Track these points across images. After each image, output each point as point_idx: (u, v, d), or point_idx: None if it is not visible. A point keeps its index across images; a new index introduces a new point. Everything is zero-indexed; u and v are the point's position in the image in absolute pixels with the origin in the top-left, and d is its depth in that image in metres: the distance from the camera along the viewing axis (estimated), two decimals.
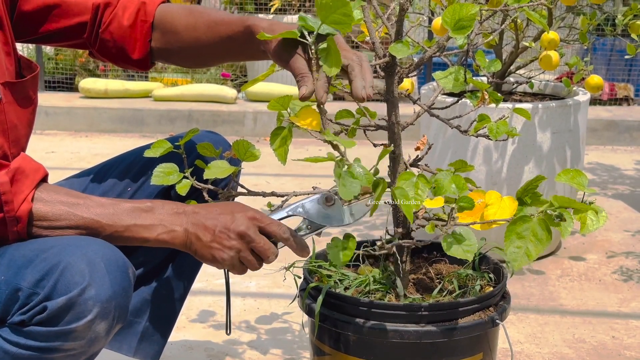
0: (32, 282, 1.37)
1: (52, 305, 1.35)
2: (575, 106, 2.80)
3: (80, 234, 1.46)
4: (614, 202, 3.46)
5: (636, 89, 4.83)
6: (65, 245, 1.40)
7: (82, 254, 1.38)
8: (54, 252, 1.39)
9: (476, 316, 1.65)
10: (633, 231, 3.14)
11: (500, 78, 2.87)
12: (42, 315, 1.36)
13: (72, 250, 1.39)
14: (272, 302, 2.54)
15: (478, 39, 1.72)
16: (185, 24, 1.71)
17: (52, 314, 1.36)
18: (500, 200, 1.59)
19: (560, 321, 2.45)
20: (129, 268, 1.44)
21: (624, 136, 4.42)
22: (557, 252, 2.95)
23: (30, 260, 1.39)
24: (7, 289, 1.39)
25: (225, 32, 1.66)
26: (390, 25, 1.71)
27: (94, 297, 1.37)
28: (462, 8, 1.54)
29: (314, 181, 1.88)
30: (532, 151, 2.75)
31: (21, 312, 1.38)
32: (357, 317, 1.63)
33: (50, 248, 1.40)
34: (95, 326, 1.38)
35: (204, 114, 4.67)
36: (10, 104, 1.60)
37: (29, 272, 1.38)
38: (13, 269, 1.40)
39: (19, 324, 1.38)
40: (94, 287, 1.37)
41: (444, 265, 1.83)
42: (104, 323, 1.39)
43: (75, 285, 1.36)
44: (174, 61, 1.84)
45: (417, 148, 1.78)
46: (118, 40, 1.74)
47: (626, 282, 2.71)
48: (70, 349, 1.39)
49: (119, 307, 1.41)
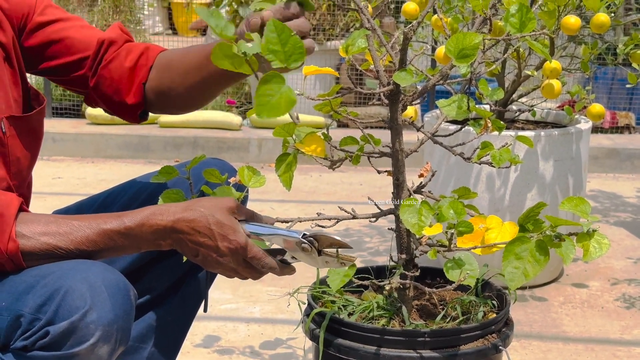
0: (33, 308, 1.36)
1: (55, 330, 1.35)
2: (577, 134, 2.81)
3: (73, 258, 1.44)
4: (616, 230, 3.45)
5: (637, 118, 4.84)
6: (65, 269, 1.40)
7: (83, 277, 1.38)
8: (55, 277, 1.38)
9: (479, 342, 1.65)
10: (635, 258, 3.13)
11: (503, 106, 2.88)
12: (45, 340, 1.35)
13: (73, 275, 1.38)
14: (276, 327, 2.54)
15: (481, 68, 1.73)
16: (178, 58, 1.72)
17: (54, 338, 1.35)
18: (501, 225, 1.59)
19: (563, 348, 2.44)
20: (130, 290, 1.43)
21: (626, 164, 4.42)
22: (560, 279, 2.94)
23: (32, 286, 1.39)
24: (9, 315, 1.38)
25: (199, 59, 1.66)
26: (394, 54, 1.72)
27: (96, 321, 1.36)
28: (465, 37, 1.55)
29: (317, 207, 1.89)
30: (535, 179, 2.76)
31: (24, 337, 1.37)
32: (362, 343, 1.63)
33: (51, 273, 1.39)
34: (97, 349, 1.38)
35: (209, 140, 4.68)
36: (14, 138, 1.60)
37: (30, 298, 1.37)
38: (14, 295, 1.39)
39: (22, 349, 1.37)
40: (96, 311, 1.36)
41: (447, 292, 1.83)
42: (106, 346, 1.39)
43: (76, 310, 1.35)
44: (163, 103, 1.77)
45: (421, 175, 1.79)
46: (115, 80, 1.73)
47: (629, 310, 2.70)
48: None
49: (121, 330, 1.40)
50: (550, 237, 1.54)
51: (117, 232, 1.45)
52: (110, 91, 1.74)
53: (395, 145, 1.70)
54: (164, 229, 1.45)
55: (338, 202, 1.71)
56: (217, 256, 1.45)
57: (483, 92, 1.75)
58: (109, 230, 1.45)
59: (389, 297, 1.76)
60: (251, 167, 1.62)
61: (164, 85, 1.73)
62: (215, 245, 1.44)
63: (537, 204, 1.57)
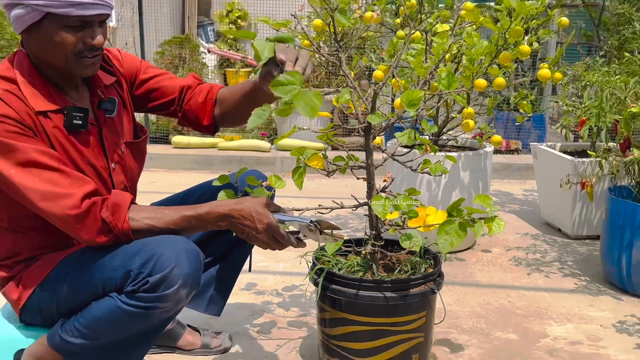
0: (139, 265, 1.37)
1: (152, 279, 1.36)
2: (484, 154, 2.81)
3: (165, 234, 1.44)
4: (509, 216, 3.45)
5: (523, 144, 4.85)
6: (159, 241, 1.40)
7: (171, 246, 1.38)
8: (153, 246, 1.39)
9: (422, 287, 1.65)
10: (521, 234, 3.13)
11: (437, 136, 2.88)
12: (146, 286, 1.36)
13: (164, 244, 1.39)
14: (292, 277, 2.54)
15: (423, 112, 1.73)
16: (229, 93, 1.71)
17: (152, 285, 1.36)
18: (435, 212, 1.59)
19: (475, 291, 2.44)
20: (200, 254, 1.43)
21: (515, 174, 4.43)
22: (473, 247, 2.94)
23: (137, 252, 1.39)
24: (123, 270, 1.39)
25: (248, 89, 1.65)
26: (368, 103, 1.72)
27: (179, 274, 1.37)
28: (413, 93, 1.55)
29: (319, 201, 1.88)
30: (457, 183, 2.76)
31: (132, 284, 1.38)
32: (347, 288, 1.63)
33: (150, 243, 1.40)
34: (179, 292, 1.38)
35: (250, 158, 4.66)
36: (129, 156, 1.62)
37: (136, 259, 1.38)
38: (126, 257, 1.40)
39: (131, 292, 1.38)
40: (178, 267, 1.37)
41: (402, 255, 1.83)
42: (185, 290, 1.39)
43: (167, 266, 1.36)
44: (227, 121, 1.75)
45: (385, 180, 1.79)
46: (194, 111, 1.73)
47: (517, 266, 2.70)
48: (164, 306, 1.39)
49: (194, 280, 1.40)
50: (467, 220, 1.54)
51: (193, 217, 1.45)
52: (192, 118, 1.74)
53: (368, 161, 1.70)
54: (223, 215, 1.45)
55: (332, 198, 1.71)
56: (256, 234, 1.44)
57: (424, 127, 1.75)
58: (187, 216, 1.45)
59: (364, 258, 1.76)
60: (277, 176, 1.63)
61: (225, 111, 1.73)
62: (255, 226, 1.44)
63: (459, 199, 1.57)
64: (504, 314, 2.24)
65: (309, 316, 2.19)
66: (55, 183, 1.36)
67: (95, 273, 1.41)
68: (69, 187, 1.37)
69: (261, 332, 2.06)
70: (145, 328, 1.43)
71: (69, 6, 1.34)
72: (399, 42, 2.18)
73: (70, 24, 1.37)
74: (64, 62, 1.42)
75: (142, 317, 1.39)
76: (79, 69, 1.43)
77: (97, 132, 1.52)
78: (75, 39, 1.39)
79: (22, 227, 1.49)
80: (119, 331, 1.42)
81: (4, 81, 1.40)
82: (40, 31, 1.38)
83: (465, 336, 2.07)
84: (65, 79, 1.48)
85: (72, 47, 1.39)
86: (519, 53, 2.13)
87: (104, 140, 1.53)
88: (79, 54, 1.41)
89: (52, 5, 1.33)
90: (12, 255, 1.52)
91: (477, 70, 2.15)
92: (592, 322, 2.19)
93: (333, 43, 1.79)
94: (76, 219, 1.37)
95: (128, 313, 1.38)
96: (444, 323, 2.13)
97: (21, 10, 1.35)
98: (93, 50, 1.42)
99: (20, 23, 1.38)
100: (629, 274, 2.37)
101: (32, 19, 1.36)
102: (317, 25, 1.81)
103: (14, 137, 1.34)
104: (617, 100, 2.37)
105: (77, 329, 1.43)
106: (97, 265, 1.41)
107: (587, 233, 3.04)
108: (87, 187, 1.39)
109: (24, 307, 1.53)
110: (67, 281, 1.45)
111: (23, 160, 1.35)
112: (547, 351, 1.98)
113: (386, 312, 1.62)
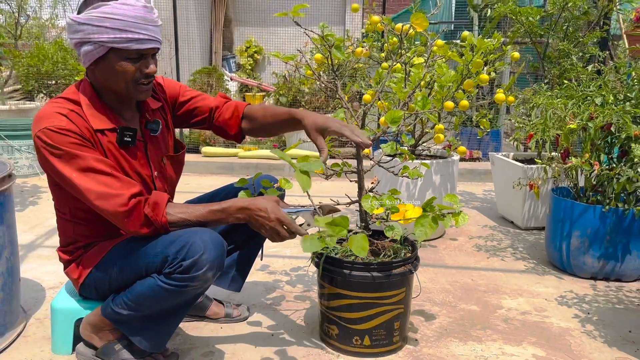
0: (174, 252, 1.37)
1: (185, 263, 1.36)
2: (452, 162, 2.81)
3: (195, 227, 1.44)
4: (472, 211, 3.45)
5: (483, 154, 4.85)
6: (191, 232, 1.40)
7: (200, 236, 1.38)
8: (186, 236, 1.39)
9: (402, 268, 1.64)
10: (482, 225, 3.13)
11: (414, 147, 2.88)
12: (180, 268, 1.36)
13: (194, 235, 1.39)
14: (298, 261, 2.54)
15: (403, 128, 1.73)
16: (262, 114, 1.68)
17: (185, 268, 1.36)
18: (413, 208, 1.59)
19: (445, 272, 2.43)
20: (224, 243, 1.43)
21: (477, 177, 4.42)
22: (443, 236, 2.94)
23: (173, 241, 1.39)
24: (161, 255, 1.39)
25: (280, 117, 1.63)
26: (359, 121, 1.72)
27: (206, 259, 1.37)
28: (395, 112, 1.55)
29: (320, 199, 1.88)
30: (430, 184, 2.75)
31: (168, 267, 1.38)
32: (341, 269, 1.63)
33: (182, 235, 1.40)
34: (207, 273, 1.38)
35: (264, 165, 4.65)
36: (169, 166, 1.62)
37: (173, 247, 1.38)
38: (164, 245, 1.40)
39: (168, 273, 1.38)
40: (206, 254, 1.37)
41: (386, 243, 1.83)
42: (211, 272, 1.39)
43: (197, 253, 1.36)
44: (254, 134, 1.75)
45: (372, 183, 1.79)
46: (222, 126, 1.72)
47: (478, 252, 2.70)
48: (195, 285, 1.39)
49: (219, 264, 1.40)
50: (439, 215, 1.53)
51: (218, 210, 1.45)
52: (220, 131, 1.73)
53: (359, 167, 1.70)
54: (242, 208, 1.45)
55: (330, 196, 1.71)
56: (268, 222, 1.43)
57: (404, 140, 1.75)
58: (214, 210, 1.45)
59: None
60: (286, 178, 1.62)
61: (253, 127, 1.70)
62: (267, 216, 1.43)
63: (431, 198, 1.57)
64: (467, 290, 2.24)
65: (311, 292, 2.18)
66: (108, 185, 1.36)
67: (140, 258, 1.42)
68: (119, 189, 1.37)
69: (273, 304, 2.06)
70: (180, 302, 1.44)
71: (129, 42, 1.36)
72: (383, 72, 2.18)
73: (130, 56, 1.39)
74: (124, 88, 1.43)
75: (176, 294, 1.39)
76: (136, 93, 1.44)
77: (144, 147, 1.53)
78: (134, 68, 1.40)
79: (80, 219, 1.49)
80: (158, 304, 1.42)
81: (70, 103, 1.42)
82: (105, 63, 1.40)
83: (437, 307, 2.06)
84: (122, 103, 1.49)
85: (132, 75, 1.41)
86: (479, 80, 2.13)
87: (148, 153, 1.53)
88: (137, 81, 1.42)
89: (115, 41, 1.35)
90: (73, 242, 1.53)
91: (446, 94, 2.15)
92: (538, 296, 2.19)
93: (331, 73, 1.79)
94: (124, 215, 1.37)
95: (166, 290, 1.38)
96: (420, 297, 2.13)
97: (89, 47, 1.37)
98: (148, 77, 1.44)
99: (88, 57, 1.39)
100: (568, 257, 2.37)
101: (99, 53, 1.38)
102: (318, 59, 1.82)
103: (76, 148, 1.36)
104: (558, 118, 2.37)
105: (125, 302, 1.44)
106: (141, 252, 1.42)
107: (534, 225, 3.03)
108: (133, 189, 1.39)
109: (82, 285, 1.53)
110: (116, 264, 1.46)
111: (83, 166, 1.36)
112: (503, 320, 1.98)
113: (373, 288, 1.62)
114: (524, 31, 3.28)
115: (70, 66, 5.00)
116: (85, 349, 1.57)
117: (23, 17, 5.56)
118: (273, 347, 1.73)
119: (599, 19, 3.33)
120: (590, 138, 2.26)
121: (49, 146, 1.35)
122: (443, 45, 2.14)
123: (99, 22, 1.34)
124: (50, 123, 1.35)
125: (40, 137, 1.35)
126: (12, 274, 1.72)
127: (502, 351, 1.74)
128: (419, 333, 1.84)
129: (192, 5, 6.96)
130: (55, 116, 1.37)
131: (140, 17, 1.36)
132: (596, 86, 2.45)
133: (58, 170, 1.36)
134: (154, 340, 1.48)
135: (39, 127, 1.36)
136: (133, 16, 1.35)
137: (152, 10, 1.39)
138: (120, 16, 1.34)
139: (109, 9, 1.34)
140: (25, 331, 1.80)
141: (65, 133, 1.35)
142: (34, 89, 5.23)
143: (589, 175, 2.33)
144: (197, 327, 1.86)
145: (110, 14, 1.34)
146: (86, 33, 1.35)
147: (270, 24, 7.21)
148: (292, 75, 5.25)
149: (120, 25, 1.34)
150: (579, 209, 2.28)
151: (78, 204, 1.46)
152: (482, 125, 2.52)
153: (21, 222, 3.05)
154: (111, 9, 1.34)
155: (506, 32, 4.28)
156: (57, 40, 5.36)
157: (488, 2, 4.95)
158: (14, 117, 4.71)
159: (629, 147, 2.21)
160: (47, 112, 1.38)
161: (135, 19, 1.35)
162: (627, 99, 2.30)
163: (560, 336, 1.85)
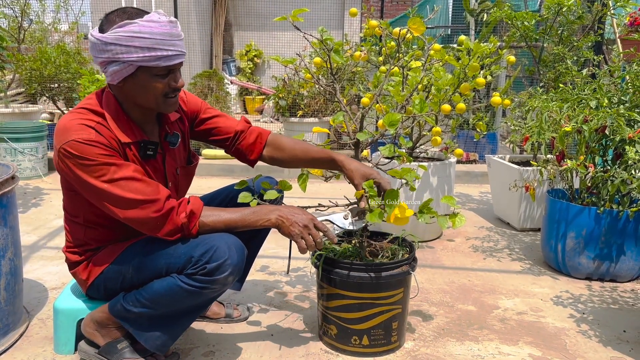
0: (199, 254, 1.38)
1: (209, 266, 1.37)
2: (449, 164, 2.81)
3: (222, 232, 1.44)
4: (469, 212, 3.45)
5: (479, 156, 4.85)
6: (215, 237, 1.41)
7: (225, 241, 1.39)
8: (210, 241, 1.40)
9: (400, 269, 1.64)
10: (478, 227, 3.13)
11: (412, 150, 2.88)
12: (203, 271, 1.37)
13: (220, 240, 1.40)
14: (298, 262, 2.53)
15: (400, 130, 1.73)
16: (290, 147, 1.67)
17: (209, 270, 1.37)
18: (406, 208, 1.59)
19: (442, 272, 2.44)
20: (244, 249, 1.44)
21: (473, 179, 4.42)
22: (440, 237, 2.94)
23: (199, 243, 1.40)
24: (186, 256, 1.39)
25: (314, 155, 1.63)
26: (357, 123, 1.72)
27: (230, 263, 1.38)
28: (393, 115, 1.55)
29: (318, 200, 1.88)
30: (428, 186, 2.76)
31: (192, 268, 1.38)
32: (340, 269, 1.63)
33: (208, 238, 1.41)
34: (229, 276, 1.39)
35: (265, 167, 4.67)
36: (182, 176, 1.62)
37: (198, 249, 1.38)
38: (190, 247, 1.40)
39: (191, 274, 1.39)
40: (230, 259, 1.37)
41: (384, 244, 1.83)
42: (232, 277, 1.40)
43: (222, 257, 1.37)
44: (276, 163, 1.71)
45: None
46: (244, 150, 1.70)
47: (475, 253, 2.70)
48: (214, 288, 1.40)
49: (240, 269, 1.41)
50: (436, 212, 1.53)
51: (250, 212, 1.45)
52: (242, 156, 1.71)
53: None
54: (271, 209, 1.46)
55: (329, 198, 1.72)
56: (300, 222, 1.44)
57: (402, 142, 1.75)
58: (245, 214, 1.45)
59: (354, 246, 1.76)
60: (285, 180, 1.62)
61: (278, 156, 1.69)
62: (301, 216, 1.45)
63: (428, 199, 1.57)
64: (464, 290, 2.24)
65: (311, 292, 2.18)
66: (140, 192, 1.36)
67: (161, 257, 1.42)
68: (151, 194, 1.37)
69: (273, 305, 2.06)
70: (195, 303, 1.44)
71: (158, 59, 1.34)
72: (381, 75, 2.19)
73: (159, 73, 1.37)
74: (154, 103, 1.42)
75: (195, 295, 1.39)
76: (165, 107, 1.44)
77: (162, 158, 1.53)
78: (163, 84, 1.39)
79: (92, 224, 1.50)
80: (173, 304, 1.42)
81: (96, 115, 1.41)
82: (134, 80, 1.38)
83: (434, 308, 2.06)
84: (145, 116, 1.48)
85: (162, 91, 1.40)
86: (476, 84, 2.13)
87: (165, 165, 1.54)
88: (166, 95, 1.42)
89: (144, 60, 1.33)
90: (83, 244, 1.53)
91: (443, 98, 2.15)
92: (534, 296, 2.19)
93: (330, 76, 1.79)
94: (158, 220, 1.37)
95: (185, 290, 1.39)
96: (417, 297, 2.13)
97: (118, 66, 1.35)
98: (176, 91, 1.43)
99: (117, 76, 1.37)
100: (563, 258, 2.37)
101: (128, 72, 1.36)
102: (317, 62, 1.82)
103: (106, 158, 1.35)
104: (553, 121, 2.37)
105: (139, 300, 1.44)
106: (162, 252, 1.42)
107: (530, 226, 3.04)
108: (163, 192, 1.40)
109: (91, 285, 1.53)
110: (132, 264, 1.46)
111: (115, 176, 1.35)
112: (499, 320, 1.98)
113: (372, 289, 1.62)
114: (520, 35, 3.30)
115: (73, 70, 5.00)
116: (88, 347, 1.56)
117: (26, 22, 5.57)
118: (273, 347, 1.73)
119: (594, 23, 3.34)
120: (585, 140, 2.27)
121: (76, 158, 1.32)
122: (440, 49, 2.15)
123: (127, 41, 1.31)
124: (78, 136, 1.33)
125: (67, 150, 1.33)
126: (15, 275, 1.72)
127: (499, 351, 1.75)
128: (417, 333, 1.84)
129: (193, 9, 6.96)
130: (83, 128, 1.35)
131: (167, 33, 1.33)
132: (591, 89, 2.46)
133: (86, 181, 1.34)
134: (161, 340, 1.48)
135: (65, 139, 1.33)
136: (160, 33, 1.32)
137: (176, 24, 1.38)
138: (148, 34, 1.31)
139: (136, 27, 1.31)
140: (28, 331, 1.80)
141: (95, 145, 1.33)
142: (36, 92, 5.24)
143: (584, 177, 2.34)
144: (197, 327, 1.86)
145: (139, 32, 1.31)
146: (114, 53, 1.32)
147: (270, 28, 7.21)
148: (292, 78, 5.25)
149: (149, 44, 1.31)
150: (574, 211, 2.29)
151: (93, 209, 1.45)
152: (479, 128, 2.53)
153: (24, 224, 3.04)
154: (139, 27, 1.31)
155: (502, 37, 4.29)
156: (60, 44, 5.37)
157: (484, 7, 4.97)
158: (17, 120, 4.71)
159: (623, 149, 2.22)
160: (72, 125, 1.35)
161: (162, 36, 1.33)
162: (621, 102, 2.31)
163: (556, 336, 1.85)
